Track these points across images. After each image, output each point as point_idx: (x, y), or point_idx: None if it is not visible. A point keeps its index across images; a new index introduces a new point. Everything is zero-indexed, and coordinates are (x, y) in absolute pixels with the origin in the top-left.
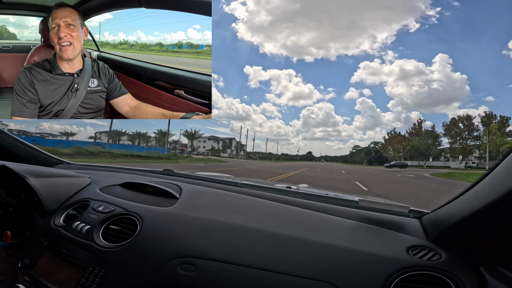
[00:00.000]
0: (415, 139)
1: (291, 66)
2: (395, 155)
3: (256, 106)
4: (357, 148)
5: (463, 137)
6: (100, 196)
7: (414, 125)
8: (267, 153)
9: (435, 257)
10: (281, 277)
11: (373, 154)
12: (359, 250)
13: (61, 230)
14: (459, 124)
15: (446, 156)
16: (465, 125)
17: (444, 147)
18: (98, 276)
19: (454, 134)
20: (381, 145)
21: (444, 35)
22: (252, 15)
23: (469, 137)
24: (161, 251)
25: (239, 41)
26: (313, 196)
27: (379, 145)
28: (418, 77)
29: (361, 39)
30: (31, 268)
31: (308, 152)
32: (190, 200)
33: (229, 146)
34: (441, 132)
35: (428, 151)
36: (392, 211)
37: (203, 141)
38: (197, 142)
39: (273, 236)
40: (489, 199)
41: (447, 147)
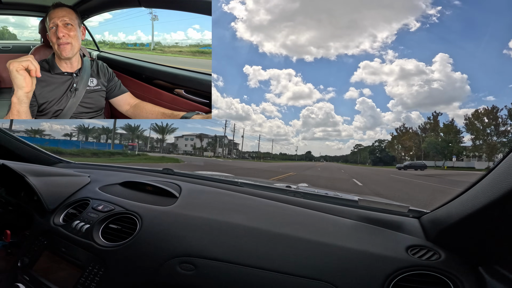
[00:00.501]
0: (431, 135)
1: (290, 65)
2: (404, 155)
3: (255, 106)
4: (359, 147)
5: (487, 133)
6: (100, 195)
7: (428, 119)
8: (261, 153)
9: (434, 257)
10: (281, 277)
11: (378, 154)
12: (359, 249)
13: (60, 229)
14: (483, 118)
15: (468, 155)
16: (490, 119)
17: (464, 145)
18: (98, 275)
19: (479, 129)
20: (388, 143)
21: (445, 34)
22: (252, 14)
23: (495, 133)
24: (160, 250)
25: (238, 41)
26: (313, 195)
27: (385, 143)
28: (419, 77)
29: (361, 39)
30: (30, 267)
31: (307, 152)
32: (189, 199)
33: (217, 144)
34: (462, 127)
35: (449, 149)
36: (392, 210)
37: (190, 138)
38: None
39: (273, 235)
40: (488, 199)
41: (468, 145)
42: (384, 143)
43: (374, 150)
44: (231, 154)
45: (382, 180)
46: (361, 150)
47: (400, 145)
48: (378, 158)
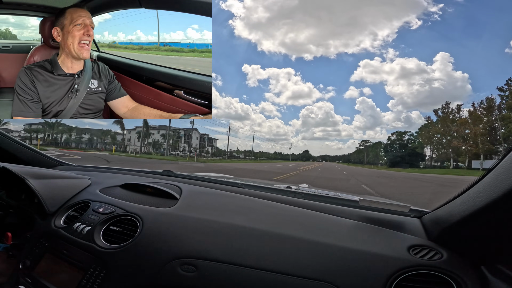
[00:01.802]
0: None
1: (290, 64)
2: (446, 151)
3: (255, 106)
4: (366, 144)
5: None
6: (100, 197)
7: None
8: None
9: (436, 257)
10: (282, 277)
11: (397, 150)
12: (360, 250)
13: (61, 232)
14: None
15: None
16: None
17: None
18: (99, 277)
19: None
20: (421, 132)
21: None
22: (250, 12)
23: None
24: (161, 252)
25: (236, 39)
26: (313, 196)
27: (408, 135)
28: (420, 76)
29: (361, 37)
30: (32, 270)
31: (304, 151)
32: (190, 200)
33: (181, 141)
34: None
35: None
36: (393, 210)
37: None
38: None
39: (274, 236)
40: (490, 198)
41: None
42: (407, 136)
43: (392, 146)
44: (204, 152)
45: None
46: (369, 147)
47: (445, 135)
48: (399, 157)
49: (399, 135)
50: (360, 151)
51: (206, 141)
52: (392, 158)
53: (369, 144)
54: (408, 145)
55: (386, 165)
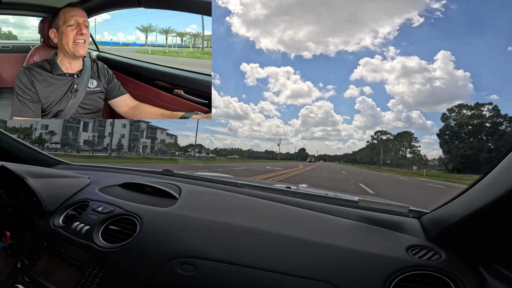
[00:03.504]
0: None
1: (288, 62)
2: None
3: (254, 105)
4: (381, 136)
5: None
6: (100, 196)
7: None
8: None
9: (435, 257)
10: (281, 277)
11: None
12: (359, 250)
13: (60, 231)
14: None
15: None
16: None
17: None
18: (98, 276)
19: None
20: None
21: (450, 30)
22: (247, 8)
23: None
24: (160, 252)
25: (234, 36)
26: (313, 196)
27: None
28: (421, 74)
29: (361, 34)
30: (30, 269)
31: (300, 149)
32: (189, 200)
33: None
34: None
35: None
36: (392, 211)
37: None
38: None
39: (273, 236)
40: (489, 199)
41: None
42: (492, 112)
43: (459, 132)
44: (152, 151)
45: None
46: (386, 141)
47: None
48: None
49: (477, 108)
50: (374, 146)
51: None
52: (466, 155)
53: (387, 137)
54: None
55: (439, 168)
